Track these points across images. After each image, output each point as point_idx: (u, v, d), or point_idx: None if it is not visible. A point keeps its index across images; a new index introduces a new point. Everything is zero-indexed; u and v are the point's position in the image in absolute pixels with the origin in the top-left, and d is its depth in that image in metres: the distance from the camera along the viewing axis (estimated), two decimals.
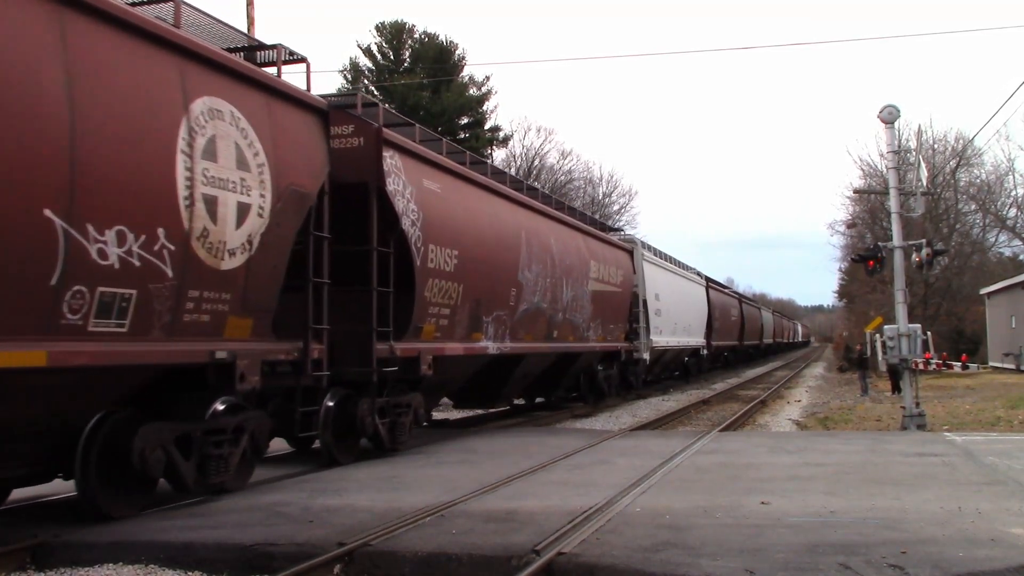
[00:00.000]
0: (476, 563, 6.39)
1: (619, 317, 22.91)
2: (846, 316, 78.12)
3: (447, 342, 13.18)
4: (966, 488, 8.87)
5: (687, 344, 33.43)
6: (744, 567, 5.95)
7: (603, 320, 21.11)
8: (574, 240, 19.43)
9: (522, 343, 16.12)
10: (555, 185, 50.93)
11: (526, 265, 15.94)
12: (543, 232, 17.24)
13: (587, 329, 19.88)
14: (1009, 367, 39.79)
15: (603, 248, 21.79)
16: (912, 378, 16.86)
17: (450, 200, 13.25)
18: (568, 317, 18.37)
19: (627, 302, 23.85)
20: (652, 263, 28.34)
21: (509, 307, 15.30)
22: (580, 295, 19.12)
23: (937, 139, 48.21)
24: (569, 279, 18.30)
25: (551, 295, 17.22)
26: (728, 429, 17.75)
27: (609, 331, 21.92)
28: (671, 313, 30.01)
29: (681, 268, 34.81)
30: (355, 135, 11.09)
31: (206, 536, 7.18)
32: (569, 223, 19.55)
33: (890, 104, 16.90)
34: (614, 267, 22.14)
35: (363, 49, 46.41)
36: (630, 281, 24.06)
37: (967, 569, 5.86)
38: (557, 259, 17.62)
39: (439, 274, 12.62)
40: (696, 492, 8.92)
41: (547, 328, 17.28)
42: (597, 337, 20.79)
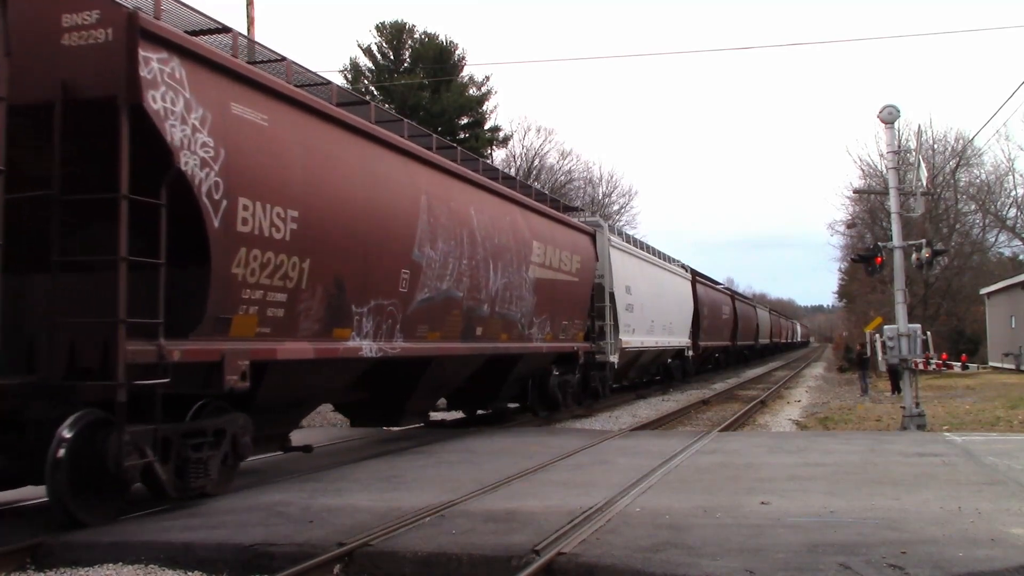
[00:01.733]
0: (476, 563, 6.40)
1: (576, 312, 19.21)
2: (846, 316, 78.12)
3: (283, 341, 9.38)
4: (966, 488, 8.87)
5: (668, 344, 30.05)
6: (744, 567, 5.95)
7: (553, 315, 17.59)
8: (508, 214, 15.54)
9: (423, 343, 12.40)
10: (555, 185, 50.93)
11: (427, 240, 12.21)
12: (459, 200, 13.48)
13: (529, 326, 16.34)
14: (1009, 367, 39.80)
15: (552, 228, 17.89)
16: (912, 378, 16.86)
17: (286, 140, 9.42)
18: (499, 310, 14.83)
19: (587, 295, 20.02)
20: (622, 250, 24.58)
21: (399, 294, 11.62)
22: (516, 283, 15.49)
23: (937, 139, 48.33)
24: (499, 263, 14.71)
25: (470, 281, 13.58)
26: (728, 429, 17.75)
27: (562, 329, 18.29)
28: (647, 309, 26.50)
29: (661, 259, 31.06)
30: (100, 25, 7.71)
31: (206, 536, 7.18)
32: (501, 193, 15.61)
33: (890, 104, 16.91)
34: (569, 252, 18.43)
35: (363, 49, 46.46)
36: (591, 270, 20.20)
37: (967, 569, 5.85)
38: (481, 236, 13.98)
39: (263, 243, 8.84)
40: (696, 492, 8.92)
41: (464, 323, 13.66)
42: (545, 336, 17.30)
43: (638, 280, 25.83)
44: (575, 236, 19.49)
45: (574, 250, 19.00)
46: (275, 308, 9.23)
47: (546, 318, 17.23)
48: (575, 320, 19.19)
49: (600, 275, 21.47)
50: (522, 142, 54.74)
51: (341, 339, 10.53)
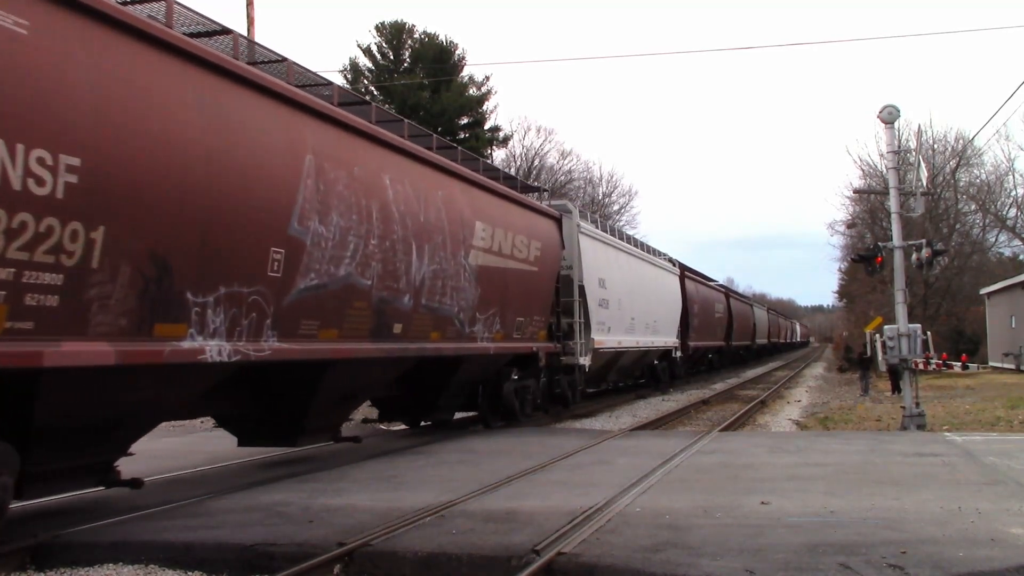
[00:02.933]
0: (476, 563, 6.40)
1: (536, 307, 16.65)
2: (846, 316, 78.11)
3: (59, 341, 6.73)
4: (966, 488, 8.87)
5: (652, 345, 27.40)
6: (744, 567, 5.95)
7: (504, 310, 14.98)
8: (441, 188, 12.86)
9: (310, 343, 9.70)
10: (555, 185, 50.95)
11: (314, 211, 9.52)
12: (368, 166, 10.83)
13: (470, 322, 13.70)
14: (1009, 367, 39.80)
15: (504, 208, 15.31)
16: (912, 378, 16.85)
17: (60, 56, 6.77)
18: (427, 304, 12.17)
19: (550, 288, 17.61)
20: (595, 239, 21.72)
21: (268, 280, 8.92)
22: (452, 271, 12.92)
23: (937, 139, 48.30)
24: (427, 245, 12.13)
25: (382, 267, 11.00)
26: (728, 429, 17.74)
27: (517, 326, 15.70)
28: (626, 305, 23.86)
29: (643, 251, 28.43)
30: None
31: (206, 536, 7.19)
32: (431, 161, 12.77)
33: (890, 104, 16.91)
34: (525, 237, 15.95)
35: (363, 49, 46.43)
36: (555, 259, 17.84)
37: (967, 569, 5.86)
38: (400, 211, 11.40)
39: (10, 200, 6.28)
40: (696, 492, 8.92)
41: (375, 319, 10.99)
42: (494, 334, 14.61)
43: (614, 273, 23.06)
44: (535, 220, 16.96)
45: (533, 235, 16.39)
46: (42, 294, 6.56)
47: (495, 313, 14.59)
48: (534, 317, 16.60)
49: (568, 266, 19.11)
50: (522, 142, 54.77)
51: (169, 338, 7.77)
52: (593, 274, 20.67)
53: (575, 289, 19.33)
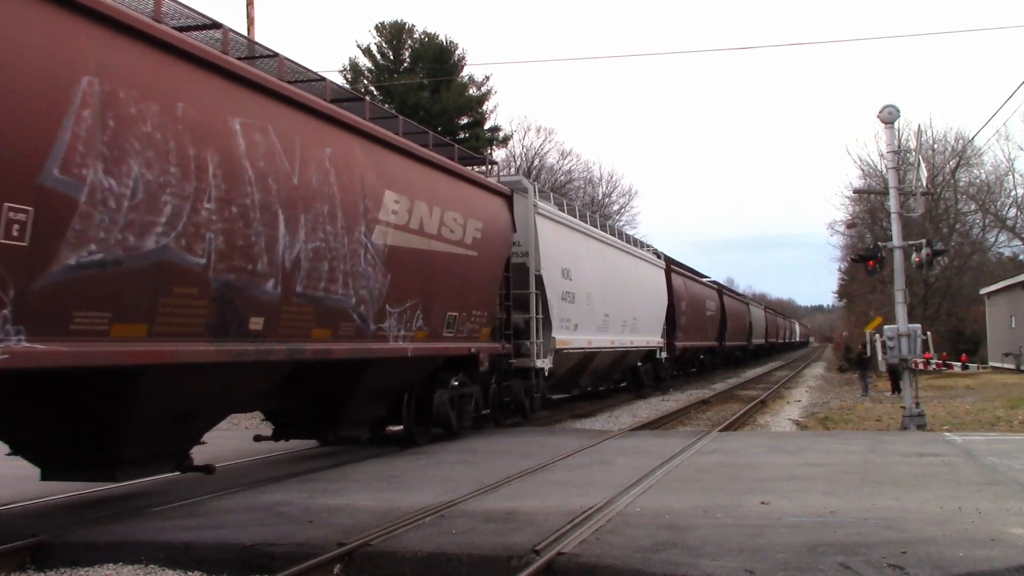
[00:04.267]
0: (476, 563, 6.40)
1: (475, 300, 13.99)
2: (846, 316, 78.10)
3: None
4: (966, 488, 8.87)
5: (632, 345, 24.73)
6: (744, 567, 5.95)
7: (428, 303, 12.33)
8: (329, 143, 10.10)
9: (92, 343, 7.03)
10: (555, 185, 50.97)
11: (95, 157, 6.93)
12: (203, 103, 8.16)
13: (377, 317, 10.99)
14: (1009, 367, 39.81)
15: (427, 177, 12.52)
16: (912, 378, 16.86)
17: None
18: (305, 292, 9.42)
19: (494, 277, 14.95)
20: (557, 222, 18.85)
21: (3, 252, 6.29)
22: (344, 252, 10.20)
23: (937, 139, 48.35)
24: (305, 216, 9.40)
25: (226, 240, 8.21)
26: (728, 429, 17.74)
27: (448, 323, 13.10)
28: (598, 300, 21.23)
29: (622, 240, 25.73)
30: None
31: (206, 536, 7.19)
32: (313, 108, 9.92)
33: (890, 104, 16.91)
34: (460, 215, 13.34)
35: (363, 49, 46.44)
36: (503, 243, 15.33)
37: (967, 569, 5.86)
38: (258, 169, 8.65)
39: None
40: (696, 492, 8.92)
41: (216, 310, 8.18)
42: (414, 332, 11.98)
43: (583, 262, 20.35)
44: (475, 195, 14.27)
45: (471, 213, 13.77)
46: None
47: (415, 307, 11.96)
48: (473, 312, 13.91)
49: (523, 253, 16.85)
50: (522, 142, 54.75)
51: None
52: (555, 263, 18.12)
53: (531, 280, 16.87)
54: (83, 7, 7.00)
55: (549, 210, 18.54)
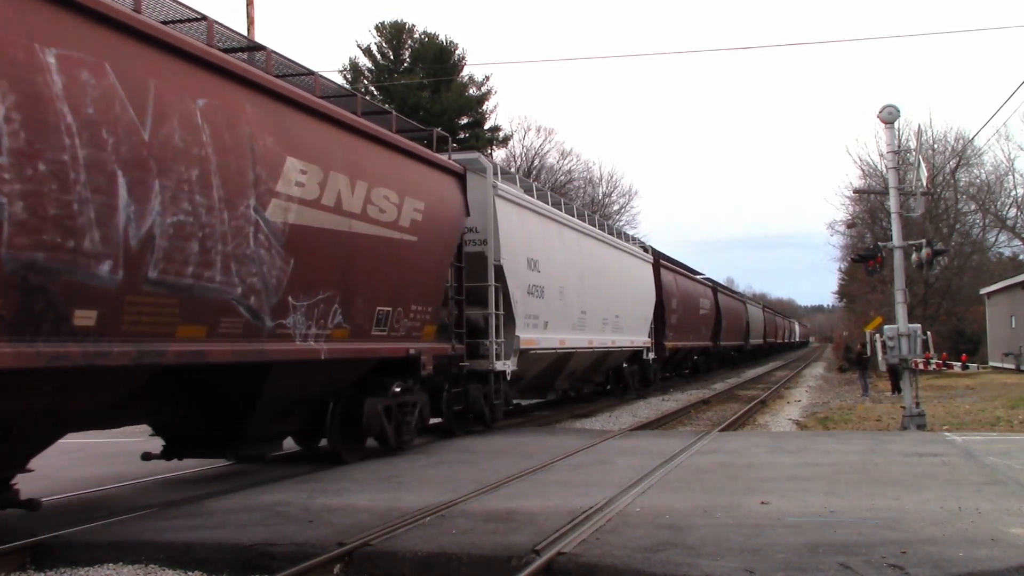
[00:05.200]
0: (476, 563, 6.40)
1: (414, 293, 12.08)
2: (846, 316, 78.09)
3: None
4: (966, 488, 8.87)
5: (614, 345, 22.75)
6: (744, 567, 5.95)
7: (349, 296, 10.47)
8: (206, 94, 8.24)
9: None
10: (555, 185, 50.98)
11: None
12: None
13: (276, 312, 9.10)
14: (1009, 367, 39.81)
15: (349, 144, 10.68)
16: (912, 378, 16.86)
17: None
18: (164, 279, 7.59)
19: (441, 266, 13.13)
20: (522, 206, 16.82)
21: None
22: (224, 230, 8.27)
23: (937, 139, 48.33)
24: (161, 182, 7.53)
25: (27, 206, 6.37)
26: (728, 429, 17.75)
27: (378, 320, 11.23)
28: (573, 296, 19.22)
29: (601, 231, 23.26)
30: None
31: (206, 536, 7.19)
32: (175, 46, 7.96)
33: (890, 104, 16.91)
34: (394, 193, 11.48)
35: (363, 49, 46.54)
36: (452, 228, 13.43)
37: (967, 569, 5.86)
38: (83, 116, 6.83)
39: None
40: (696, 492, 8.92)
41: (19, 302, 6.39)
42: (330, 331, 10.11)
43: (555, 253, 18.36)
44: (415, 171, 12.36)
45: (409, 191, 11.89)
46: None
47: (330, 300, 10.03)
48: (413, 306, 12.05)
49: (481, 240, 15.03)
50: (522, 142, 54.86)
51: None
52: (519, 252, 16.16)
53: (489, 271, 14.97)
54: None
55: (512, 193, 16.42)
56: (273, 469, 11.44)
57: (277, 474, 10.83)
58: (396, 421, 12.19)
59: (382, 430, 11.83)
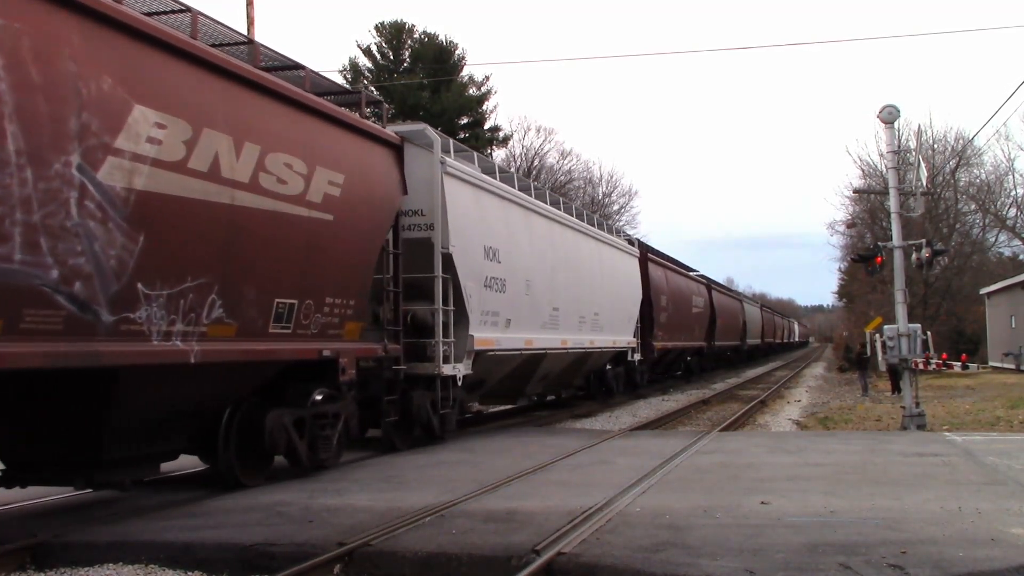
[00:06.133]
0: (476, 563, 6.40)
1: (332, 283, 10.30)
2: (846, 316, 78.09)
3: None
4: (966, 488, 8.87)
5: (592, 345, 20.44)
6: (744, 567, 5.95)
7: (231, 283, 8.62)
8: None
9: None
10: (555, 185, 50.99)
11: None
12: None
13: (118, 304, 7.28)
14: (1009, 367, 39.82)
15: (235, 97, 8.81)
16: (912, 378, 16.86)
17: None
18: None
19: (368, 253, 11.24)
20: (478, 187, 14.66)
21: None
22: (28, 194, 6.47)
23: (937, 139, 48.31)
24: None
25: None
26: (728, 429, 17.75)
27: (279, 315, 9.39)
28: (541, 290, 17.13)
29: (579, 220, 20.87)
30: None
31: (206, 536, 7.19)
32: None
33: (890, 104, 16.92)
34: (301, 161, 9.61)
35: (363, 49, 46.55)
36: (383, 208, 11.58)
37: (967, 569, 5.86)
38: None
39: None
40: (696, 492, 8.92)
41: None
42: (207, 328, 8.33)
43: (520, 242, 16.30)
44: (331, 137, 10.51)
45: (321, 161, 9.99)
46: None
47: (204, 288, 8.22)
48: (329, 299, 10.29)
49: (426, 225, 13.04)
50: (522, 142, 54.84)
51: None
52: (473, 239, 14.10)
53: (436, 260, 12.99)
54: None
55: (466, 171, 14.23)
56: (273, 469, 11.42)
57: (277, 474, 10.81)
58: (311, 436, 10.36)
59: (291, 447, 10.04)
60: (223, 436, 9.40)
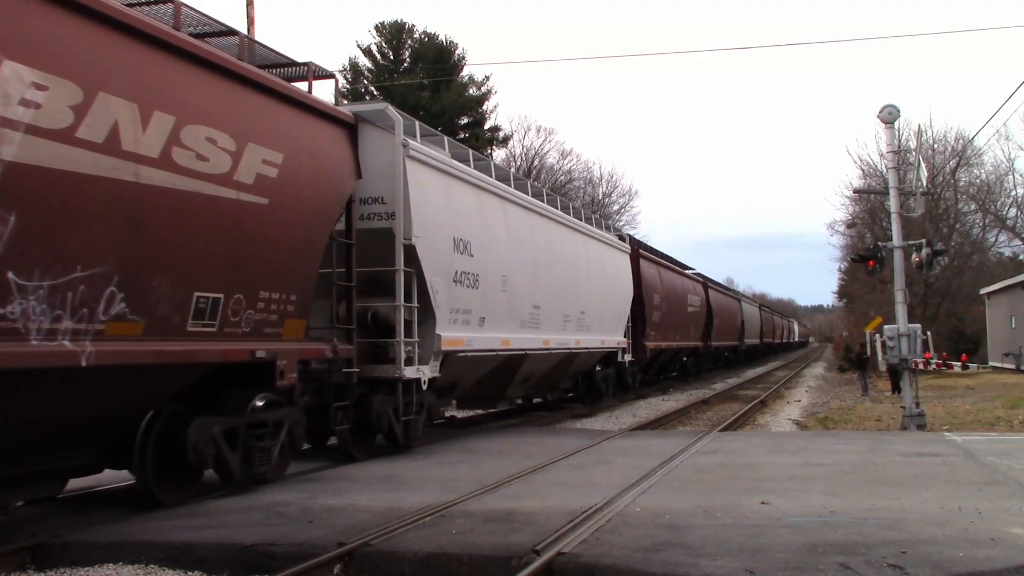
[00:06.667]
0: (476, 563, 6.40)
1: (269, 275, 9.35)
2: (846, 316, 78.10)
3: None
4: (966, 488, 8.87)
5: (579, 346, 19.43)
6: (744, 567, 5.95)
7: (135, 273, 7.58)
8: None
9: None
10: (555, 185, 50.99)
11: None
12: None
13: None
14: (1009, 367, 39.82)
15: (144, 59, 7.75)
16: (912, 378, 16.87)
17: None
18: None
19: (313, 242, 10.26)
20: (446, 173, 13.46)
21: None
22: None
23: (937, 139, 48.34)
24: None
25: None
26: (728, 429, 17.75)
27: (200, 310, 8.35)
28: (520, 286, 16.01)
29: (565, 214, 19.64)
30: None
31: (206, 536, 7.19)
32: None
33: (890, 104, 16.93)
34: (227, 136, 8.62)
35: (363, 49, 46.54)
36: (333, 193, 10.68)
37: (967, 569, 5.86)
38: None
39: None
40: (696, 492, 8.92)
41: None
42: (106, 325, 7.27)
43: (496, 234, 15.19)
44: (268, 110, 9.44)
45: (254, 137, 8.99)
46: None
47: (99, 279, 7.21)
48: (264, 293, 9.23)
49: (387, 214, 11.92)
50: (522, 142, 54.85)
51: None
52: (441, 230, 12.99)
53: (397, 252, 11.86)
54: None
55: (433, 156, 13.05)
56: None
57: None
58: (246, 447, 9.26)
59: (220, 460, 8.97)
60: (139, 448, 8.35)
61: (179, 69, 8.16)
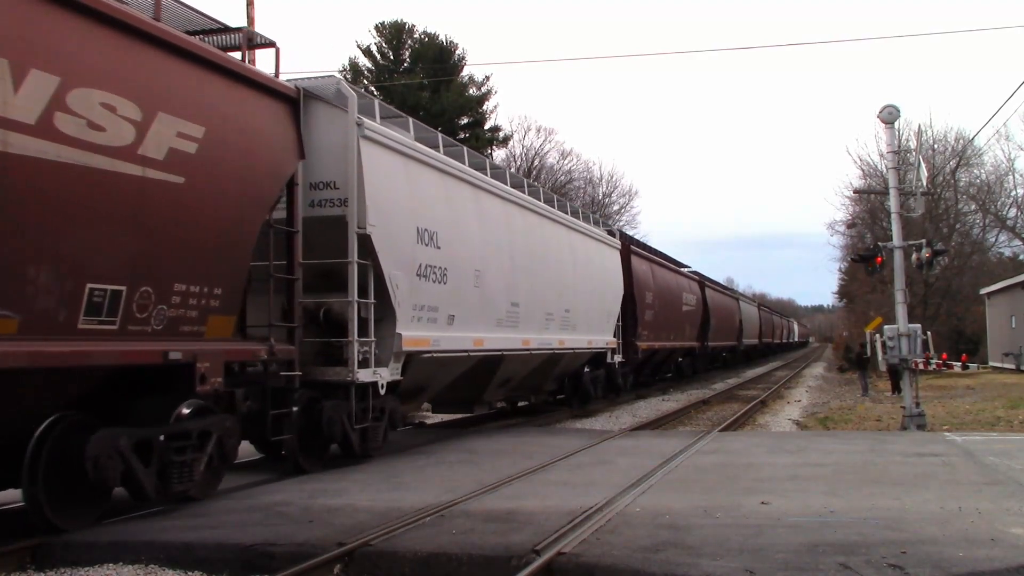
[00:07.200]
0: (476, 563, 6.40)
1: (189, 266, 8.26)
2: (846, 316, 78.10)
3: None
4: (966, 488, 8.87)
5: (564, 346, 18.26)
6: (744, 567, 5.95)
7: (9, 261, 6.46)
8: None
9: None
10: (555, 185, 50.99)
11: None
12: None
13: None
14: (1009, 367, 39.82)
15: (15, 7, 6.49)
16: (912, 378, 16.87)
17: None
18: None
19: (244, 229, 9.13)
20: (409, 157, 12.30)
21: None
22: None
23: (937, 139, 48.32)
24: None
25: None
26: (728, 429, 17.75)
27: (96, 304, 7.19)
28: (498, 282, 14.91)
29: (548, 206, 18.39)
30: None
31: (206, 536, 7.19)
32: None
33: (890, 104, 16.94)
34: (132, 103, 7.41)
35: (363, 49, 46.56)
36: (269, 175, 9.61)
37: (967, 569, 5.86)
38: None
39: None
40: (696, 492, 8.92)
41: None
42: None
43: (467, 225, 13.96)
44: (186, 76, 8.26)
45: (165, 106, 7.83)
46: None
47: None
48: (180, 286, 8.16)
49: (339, 200, 10.78)
50: (522, 142, 54.86)
51: None
52: (401, 218, 11.83)
53: (351, 242, 10.74)
54: None
55: (393, 138, 11.83)
56: (273, 469, 11.42)
57: (277, 474, 10.81)
58: (163, 462, 8.09)
59: (130, 478, 7.80)
60: (28, 465, 7.15)
61: (67, 22, 6.94)
